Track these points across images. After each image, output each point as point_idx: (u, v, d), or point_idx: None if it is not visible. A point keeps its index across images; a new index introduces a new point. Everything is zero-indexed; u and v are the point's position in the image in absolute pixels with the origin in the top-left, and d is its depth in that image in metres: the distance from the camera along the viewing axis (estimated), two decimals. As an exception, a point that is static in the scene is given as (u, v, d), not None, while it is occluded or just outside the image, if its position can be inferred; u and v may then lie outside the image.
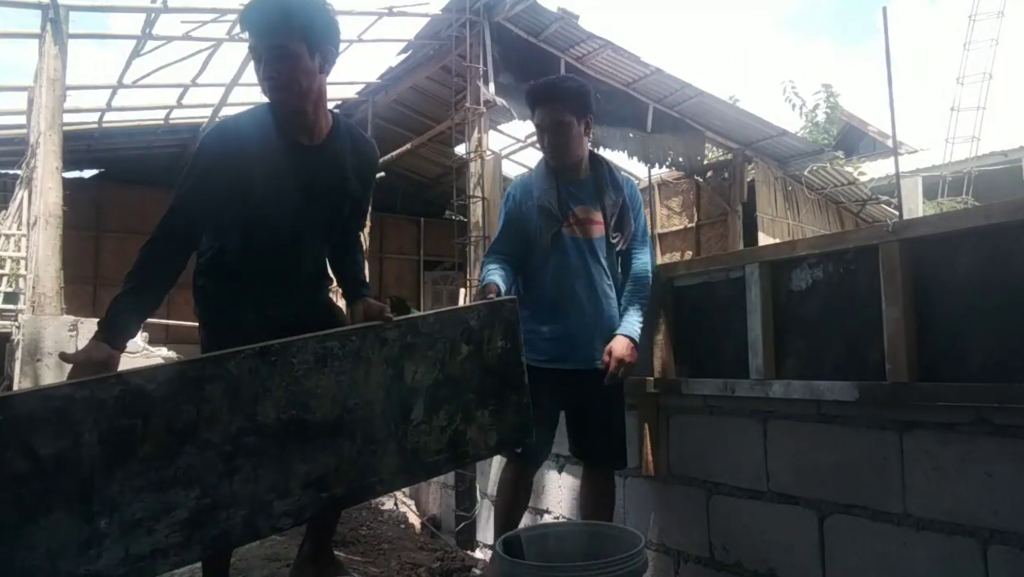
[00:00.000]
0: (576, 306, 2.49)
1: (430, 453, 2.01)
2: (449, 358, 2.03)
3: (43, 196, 6.68)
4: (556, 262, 2.51)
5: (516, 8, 7.69)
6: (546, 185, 2.58)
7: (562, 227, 2.51)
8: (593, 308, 2.50)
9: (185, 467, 1.62)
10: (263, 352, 1.73)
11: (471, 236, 7.55)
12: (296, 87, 1.88)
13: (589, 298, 2.50)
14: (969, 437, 1.86)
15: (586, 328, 2.49)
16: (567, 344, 2.48)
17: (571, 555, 2.19)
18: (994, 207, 1.88)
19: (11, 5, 7.23)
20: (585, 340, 2.49)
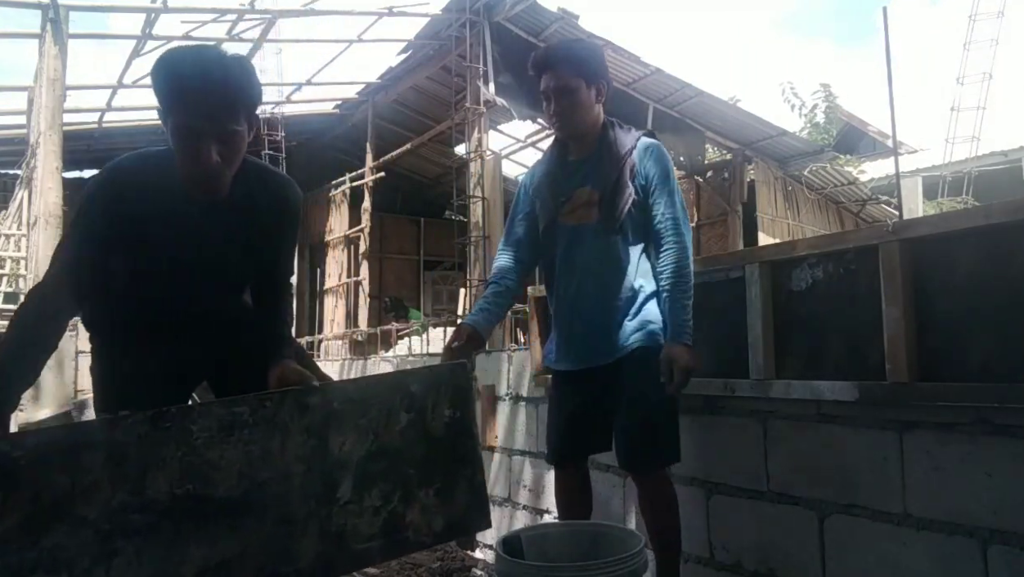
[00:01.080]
0: (584, 307, 2.29)
1: (360, 538, 1.73)
2: (385, 428, 1.78)
3: (43, 196, 6.69)
4: (559, 256, 2.31)
5: (516, 8, 7.69)
6: (546, 166, 2.38)
7: (559, 215, 2.30)
8: (604, 306, 2.25)
9: (51, 548, 1.40)
10: (156, 418, 1.54)
11: (471, 236, 7.55)
12: (234, 169, 1.69)
13: (599, 297, 2.26)
14: (969, 437, 1.86)
15: (596, 329, 2.27)
16: (576, 345, 2.31)
17: (571, 555, 2.19)
18: (994, 207, 1.88)
19: (11, 5, 7.23)
20: (596, 340, 2.27)
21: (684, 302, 2.18)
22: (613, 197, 2.21)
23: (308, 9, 7.93)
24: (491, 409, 4.15)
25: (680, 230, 2.22)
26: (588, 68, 2.28)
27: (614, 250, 2.24)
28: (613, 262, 2.25)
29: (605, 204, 2.22)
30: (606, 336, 2.24)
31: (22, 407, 6.08)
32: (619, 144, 2.26)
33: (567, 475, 2.45)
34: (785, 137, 10.20)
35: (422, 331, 7.88)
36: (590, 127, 2.30)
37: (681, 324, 2.17)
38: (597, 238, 2.24)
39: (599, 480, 3.17)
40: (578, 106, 2.25)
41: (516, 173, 12.89)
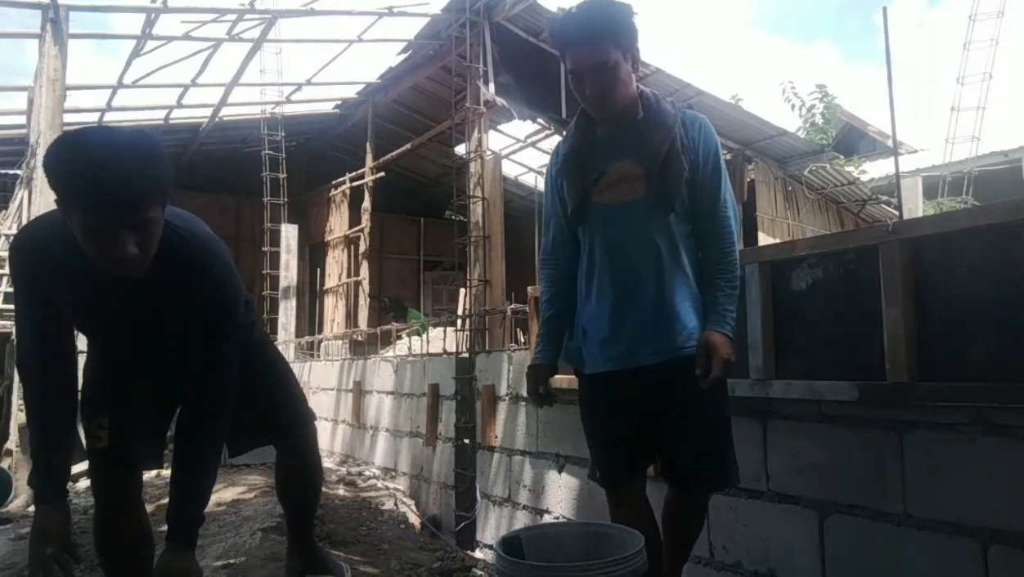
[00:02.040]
0: (635, 295, 1.98)
1: None
2: None
3: (43, 196, 6.68)
4: (595, 238, 2.03)
5: (516, 8, 7.69)
6: (572, 143, 2.10)
7: (592, 193, 2.02)
8: (659, 295, 1.97)
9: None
10: None
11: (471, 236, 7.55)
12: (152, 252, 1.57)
13: (653, 284, 1.97)
14: (969, 437, 1.86)
15: (650, 321, 1.97)
16: (624, 340, 2.00)
17: (571, 555, 2.18)
18: (994, 207, 1.88)
19: (11, 5, 7.23)
20: (649, 334, 1.98)
21: (729, 291, 1.97)
22: (664, 170, 1.94)
23: (308, 9, 7.93)
24: (491, 409, 4.15)
25: (729, 213, 2.00)
26: (624, 37, 1.96)
27: (667, 230, 1.97)
28: (667, 244, 1.97)
29: (654, 178, 1.94)
30: (660, 330, 1.96)
31: (22, 407, 6.08)
32: (663, 113, 2.00)
33: (628, 499, 2.12)
34: (785, 137, 10.19)
35: (422, 331, 7.88)
36: (630, 101, 2.02)
37: (724, 313, 1.95)
38: (646, 217, 1.96)
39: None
40: (618, 83, 1.97)
41: (516, 173, 12.90)
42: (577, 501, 3.30)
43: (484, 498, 4.19)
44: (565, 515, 3.37)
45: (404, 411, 5.62)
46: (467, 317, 5.73)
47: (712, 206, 1.99)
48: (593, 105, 2.03)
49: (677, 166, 1.94)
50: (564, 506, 3.39)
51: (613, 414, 2.08)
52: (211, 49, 8.25)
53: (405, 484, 5.40)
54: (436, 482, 4.98)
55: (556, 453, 3.48)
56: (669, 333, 1.96)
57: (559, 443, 3.47)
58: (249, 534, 3.34)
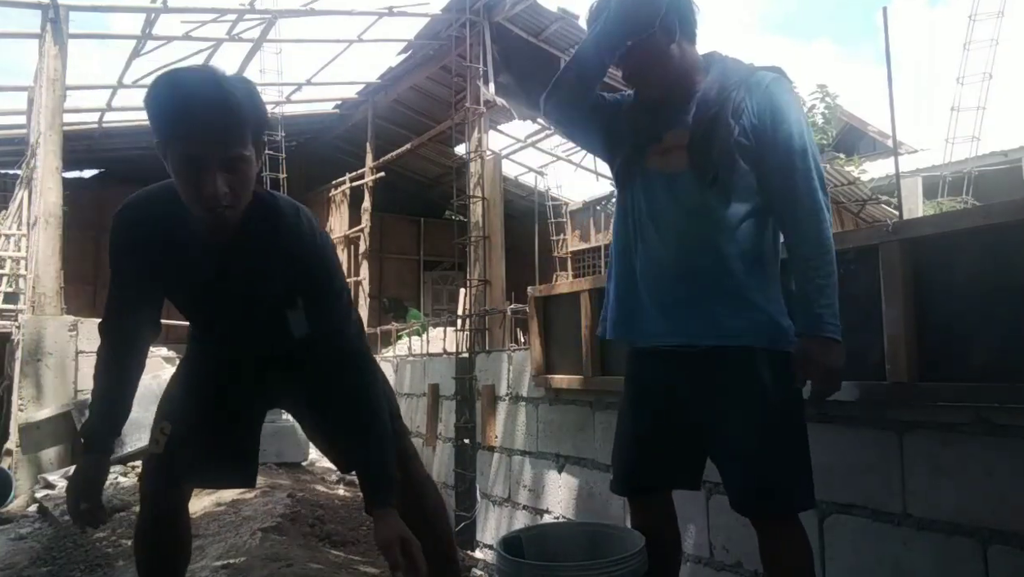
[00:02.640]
0: (674, 270, 1.75)
1: None
2: None
3: (43, 196, 6.69)
4: (643, 204, 1.81)
5: (516, 8, 7.69)
6: (634, 108, 1.89)
7: (645, 155, 1.82)
8: (693, 277, 1.72)
9: None
10: None
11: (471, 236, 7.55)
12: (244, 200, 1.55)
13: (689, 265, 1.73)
14: (969, 437, 1.86)
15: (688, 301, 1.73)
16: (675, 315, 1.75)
17: (571, 555, 2.18)
18: (994, 207, 1.88)
19: (11, 5, 7.23)
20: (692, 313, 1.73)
21: (820, 282, 1.65)
22: (704, 139, 1.71)
23: (308, 9, 7.93)
24: (491, 409, 4.15)
25: (812, 186, 1.67)
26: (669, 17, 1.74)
27: (706, 209, 1.71)
28: (703, 225, 1.72)
29: (694, 148, 1.72)
30: (700, 311, 1.73)
31: (22, 406, 6.08)
32: (723, 77, 1.77)
33: (645, 507, 1.92)
34: (785, 137, 10.20)
35: (422, 331, 7.88)
36: (679, 75, 1.80)
37: (818, 312, 1.64)
38: (688, 191, 1.74)
39: (598, 480, 3.17)
40: (661, 67, 1.78)
41: (516, 173, 12.90)
42: (577, 501, 3.31)
43: (484, 498, 4.19)
44: (565, 515, 3.37)
45: (404, 411, 5.60)
46: (467, 317, 5.73)
47: (785, 178, 1.67)
48: (635, 86, 1.86)
49: (721, 132, 1.68)
50: (564, 506, 3.39)
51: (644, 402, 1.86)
52: (211, 49, 8.26)
53: (405, 484, 5.40)
54: (436, 482, 4.98)
55: (556, 453, 3.48)
56: (709, 319, 1.71)
57: (559, 443, 3.47)
58: (249, 534, 3.34)
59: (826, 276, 1.66)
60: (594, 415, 3.24)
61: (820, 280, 1.66)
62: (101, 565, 3.40)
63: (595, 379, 3.15)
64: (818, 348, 1.64)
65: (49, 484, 5.73)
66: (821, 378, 1.65)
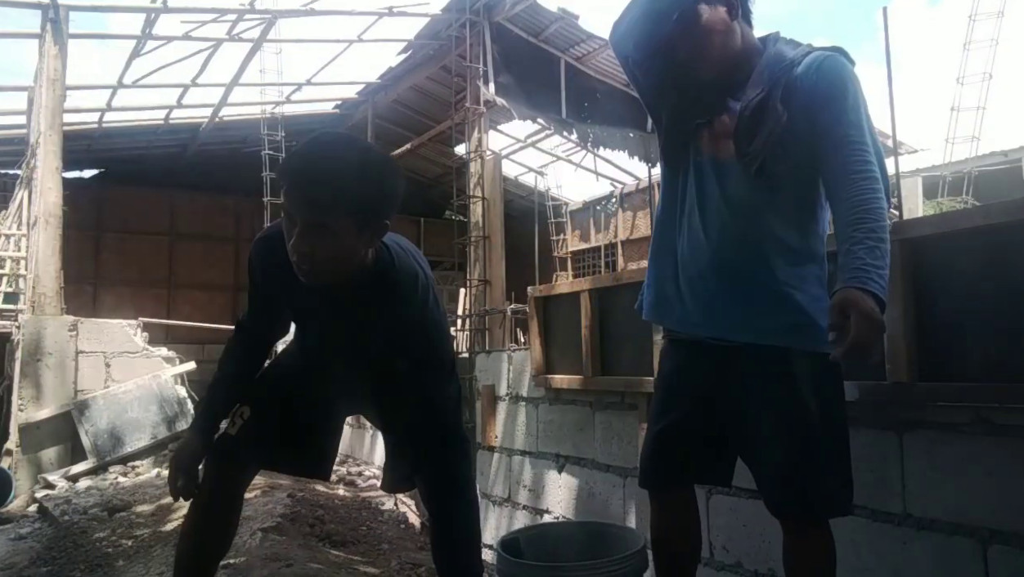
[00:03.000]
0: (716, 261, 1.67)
1: None
2: None
3: (43, 196, 6.69)
4: (691, 186, 1.74)
5: (516, 8, 7.69)
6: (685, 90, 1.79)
7: (696, 137, 1.74)
8: (735, 270, 1.66)
9: None
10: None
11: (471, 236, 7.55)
12: (331, 266, 1.57)
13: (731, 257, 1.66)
14: (969, 437, 1.86)
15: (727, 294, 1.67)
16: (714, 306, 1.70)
17: (570, 555, 2.19)
18: (994, 207, 1.88)
19: (11, 5, 7.23)
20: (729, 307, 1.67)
21: (870, 243, 1.47)
22: (750, 126, 1.62)
23: (308, 9, 7.93)
24: (491, 409, 4.15)
25: (866, 159, 1.54)
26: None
27: (751, 201, 1.64)
28: (747, 217, 1.65)
29: (740, 134, 1.64)
30: (736, 306, 1.67)
31: (22, 406, 6.08)
32: (777, 59, 1.66)
33: (668, 504, 1.82)
34: (785, 137, 10.20)
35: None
36: (736, 56, 1.70)
37: (861, 266, 1.46)
38: (734, 181, 1.66)
39: (598, 480, 3.17)
40: (712, 41, 1.66)
41: (516, 173, 12.90)
42: (577, 501, 3.31)
43: (484, 498, 4.19)
44: (565, 515, 3.37)
45: (404, 411, 5.62)
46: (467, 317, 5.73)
47: (838, 152, 1.56)
48: (688, 72, 1.71)
49: (769, 118, 1.59)
50: (564, 506, 3.39)
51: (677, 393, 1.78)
52: (211, 49, 8.26)
53: (405, 484, 5.40)
54: (436, 482, 4.97)
55: (556, 453, 3.48)
56: (745, 315, 1.65)
57: (559, 443, 3.47)
58: (249, 534, 3.34)
59: (878, 240, 1.48)
60: (594, 415, 3.24)
61: (871, 241, 1.47)
62: (101, 565, 3.40)
63: (595, 379, 3.15)
64: (862, 298, 1.42)
65: (49, 484, 5.73)
66: (861, 325, 1.39)
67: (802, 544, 1.67)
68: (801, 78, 1.61)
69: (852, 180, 1.53)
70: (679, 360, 1.79)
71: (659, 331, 2.79)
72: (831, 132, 1.57)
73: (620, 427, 3.07)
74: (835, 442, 1.64)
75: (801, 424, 1.59)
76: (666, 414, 1.78)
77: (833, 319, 1.45)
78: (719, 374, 1.70)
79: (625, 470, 3.02)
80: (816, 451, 1.60)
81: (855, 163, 1.54)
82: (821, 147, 1.59)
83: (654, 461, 1.80)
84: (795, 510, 1.64)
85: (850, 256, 1.48)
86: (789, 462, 1.61)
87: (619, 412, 3.08)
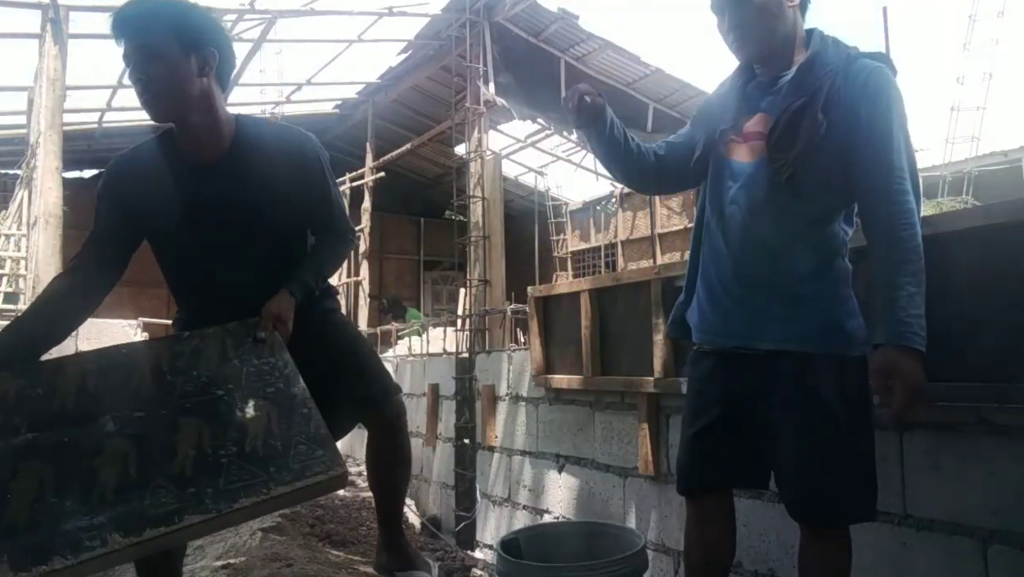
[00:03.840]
0: (744, 269, 1.67)
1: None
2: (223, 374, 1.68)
3: (43, 196, 6.69)
4: (719, 194, 1.72)
5: (516, 8, 7.70)
6: (723, 87, 1.81)
7: (722, 142, 1.72)
8: (762, 278, 1.65)
9: None
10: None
11: (471, 236, 7.55)
12: (167, 91, 1.67)
13: (759, 264, 1.65)
14: (969, 437, 1.86)
15: (754, 301, 1.66)
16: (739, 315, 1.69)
17: (570, 555, 2.19)
18: (994, 207, 1.88)
19: (11, 5, 7.23)
20: (754, 314, 1.66)
21: (911, 289, 1.47)
22: (787, 132, 1.58)
23: (308, 9, 7.94)
24: (491, 409, 4.15)
25: (903, 188, 1.51)
26: None
27: (774, 206, 1.61)
28: (769, 222, 1.63)
29: (774, 140, 1.60)
30: (756, 313, 1.66)
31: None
32: (823, 60, 1.61)
33: (704, 510, 1.80)
34: (785, 137, 10.21)
35: (422, 331, 7.88)
36: (781, 43, 1.65)
37: (903, 319, 1.45)
38: (759, 184, 1.63)
39: (598, 480, 3.17)
40: (765, 15, 1.62)
41: (516, 173, 12.90)
42: (577, 501, 3.31)
43: (484, 498, 4.19)
44: (565, 515, 3.37)
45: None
46: (467, 317, 5.74)
47: (875, 177, 1.53)
48: (734, 45, 1.68)
49: (807, 127, 1.55)
50: (564, 506, 3.39)
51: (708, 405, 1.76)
52: (211, 49, 8.25)
53: (405, 484, 5.41)
54: (436, 482, 4.98)
55: (556, 453, 3.49)
56: (769, 321, 1.63)
57: (559, 443, 3.47)
58: (249, 534, 3.34)
59: (918, 284, 1.48)
60: (594, 415, 3.24)
61: (912, 287, 1.47)
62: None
63: (595, 379, 3.15)
64: (904, 360, 1.44)
65: (49, 484, 5.72)
66: (904, 393, 1.43)
67: (820, 547, 1.66)
68: (845, 89, 1.57)
69: (892, 213, 1.51)
70: (706, 369, 1.77)
71: (659, 331, 2.79)
72: (870, 154, 1.54)
73: (620, 427, 3.07)
74: (860, 447, 1.62)
75: (824, 429, 1.56)
76: (697, 420, 1.77)
77: (877, 382, 1.47)
78: (744, 383, 1.68)
79: (625, 470, 3.02)
80: (839, 456, 1.58)
81: (894, 193, 1.51)
82: (858, 166, 1.55)
83: (690, 466, 1.78)
84: (818, 516, 1.62)
85: (892, 304, 1.47)
86: (811, 467, 1.59)
87: (619, 412, 3.08)
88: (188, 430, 1.51)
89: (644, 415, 2.85)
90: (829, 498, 1.59)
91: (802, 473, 1.61)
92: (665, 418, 2.82)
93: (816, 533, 1.65)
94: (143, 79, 1.64)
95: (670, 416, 2.80)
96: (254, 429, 1.53)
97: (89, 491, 1.39)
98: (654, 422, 2.83)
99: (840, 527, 1.64)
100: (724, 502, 1.79)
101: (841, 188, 1.61)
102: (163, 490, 1.40)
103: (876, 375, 1.47)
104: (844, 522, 1.64)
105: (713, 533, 1.79)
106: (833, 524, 1.63)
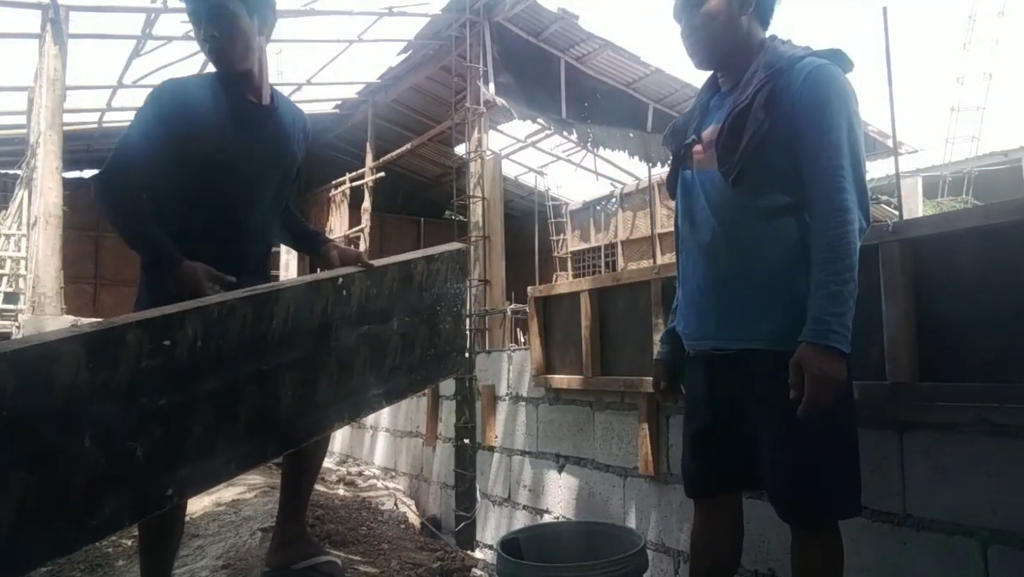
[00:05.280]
0: (709, 273, 1.74)
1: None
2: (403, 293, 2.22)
3: (43, 196, 6.69)
4: (685, 206, 1.81)
5: (516, 8, 7.70)
6: (691, 107, 1.91)
7: (686, 156, 1.81)
8: (723, 279, 1.71)
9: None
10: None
11: (471, 236, 7.55)
12: (237, 46, 1.91)
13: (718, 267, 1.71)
14: (969, 437, 1.86)
15: (717, 304, 1.72)
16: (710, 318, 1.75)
17: (570, 555, 2.19)
18: (994, 207, 1.88)
19: (11, 5, 7.23)
20: (723, 316, 1.71)
21: (833, 288, 1.51)
22: (731, 132, 1.64)
23: (308, 9, 7.93)
24: (491, 409, 4.15)
25: (840, 185, 1.54)
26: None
27: (735, 208, 1.67)
28: (731, 225, 1.68)
29: (722, 143, 1.66)
30: (727, 314, 1.70)
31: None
32: (766, 62, 1.67)
33: (709, 512, 1.84)
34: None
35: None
36: (736, 50, 1.73)
37: (821, 317, 1.51)
38: (717, 190, 1.69)
39: (598, 480, 3.17)
40: (712, 22, 1.70)
41: (516, 173, 12.90)
42: (577, 501, 3.31)
43: (484, 498, 4.19)
44: (565, 515, 3.37)
45: (404, 411, 5.62)
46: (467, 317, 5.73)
47: (814, 173, 1.57)
48: (688, 50, 1.78)
49: (750, 127, 1.61)
50: (564, 506, 3.39)
51: (700, 410, 1.81)
52: (211, 49, 8.24)
53: (405, 484, 5.40)
54: (436, 482, 4.98)
55: (556, 453, 3.48)
56: (739, 321, 1.67)
57: (559, 443, 3.47)
58: (249, 534, 3.34)
59: (841, 282, 1.52)
60: (594, 415, 3.24)
61: (834, 285, 1.52)
62: (101, 565, 3.39)
63: (595, 379, 3.15)
64: (817, 357, 1.49)
65: (49, 484, 5.72)
66: (812, 389, 1.48)
67: (809, 545, 1.66)
68: (788, 86, 1.61)
69: (825, 212, 1.55)
70: (696, 371, 1.83)
71: (659, 331, 2.79)
72: (810, 151, 1.58)
73: (620, 427, 3.07)
74: (839, 443, 1.63)
75: (801, 427, 1.55)
76: (691, 424, 1.84)
77: (792, 377, 1.52)
78: (728, 384, 1.72)
79: (625, 470, 3.02)
80: (817, 453, 1.59)
81: (832, 191, 1.55)
82: (801, 162, 1.60)
83: (692, 469, 1.84)
84: (801, 515, 1.64)
85: (813, 301, 1.53)
86: (790, 467, 1.61)
87: (619, 412, 3.08)
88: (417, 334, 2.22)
89: (644, 415, 2.85)
90: (810, 497, 1.61)
91: (782, 472, 1.63)
92: (665, 418, 2.82)
93: (803, 532, 1.67)
94: (216, 35, 1.88)
95: (670, 416, 2.80)
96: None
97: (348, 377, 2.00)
98: (654, 422, 2.83)
99: (825, 525, 1.65)
100: (731, 505, 1.82)
101: (796, 183, 1.63)
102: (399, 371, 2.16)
103: (791, 369, 1.52)
104: (829, 520, 1.65)
105: (719, 536, 1.81)
106: (818, 522, 1.64)
